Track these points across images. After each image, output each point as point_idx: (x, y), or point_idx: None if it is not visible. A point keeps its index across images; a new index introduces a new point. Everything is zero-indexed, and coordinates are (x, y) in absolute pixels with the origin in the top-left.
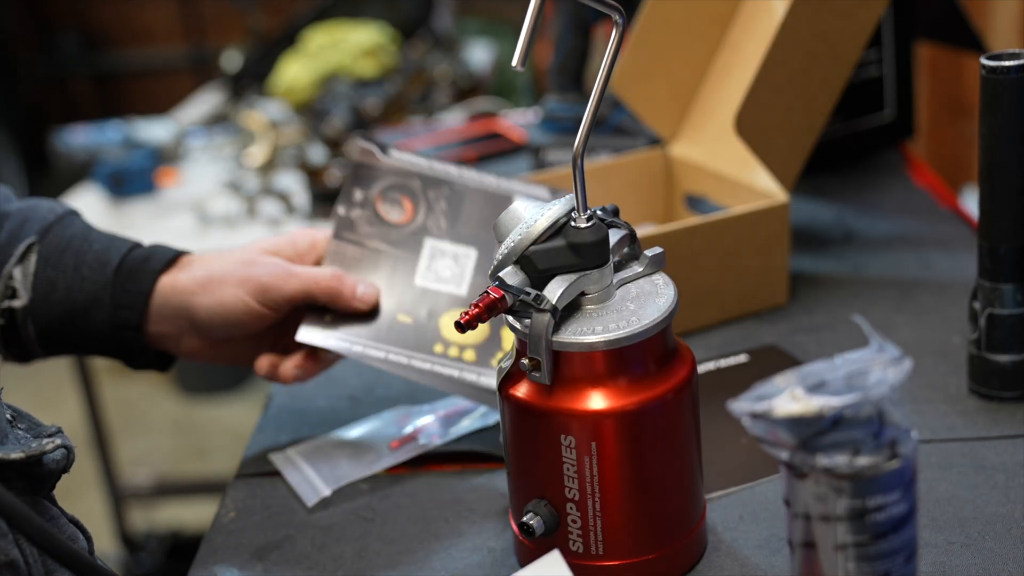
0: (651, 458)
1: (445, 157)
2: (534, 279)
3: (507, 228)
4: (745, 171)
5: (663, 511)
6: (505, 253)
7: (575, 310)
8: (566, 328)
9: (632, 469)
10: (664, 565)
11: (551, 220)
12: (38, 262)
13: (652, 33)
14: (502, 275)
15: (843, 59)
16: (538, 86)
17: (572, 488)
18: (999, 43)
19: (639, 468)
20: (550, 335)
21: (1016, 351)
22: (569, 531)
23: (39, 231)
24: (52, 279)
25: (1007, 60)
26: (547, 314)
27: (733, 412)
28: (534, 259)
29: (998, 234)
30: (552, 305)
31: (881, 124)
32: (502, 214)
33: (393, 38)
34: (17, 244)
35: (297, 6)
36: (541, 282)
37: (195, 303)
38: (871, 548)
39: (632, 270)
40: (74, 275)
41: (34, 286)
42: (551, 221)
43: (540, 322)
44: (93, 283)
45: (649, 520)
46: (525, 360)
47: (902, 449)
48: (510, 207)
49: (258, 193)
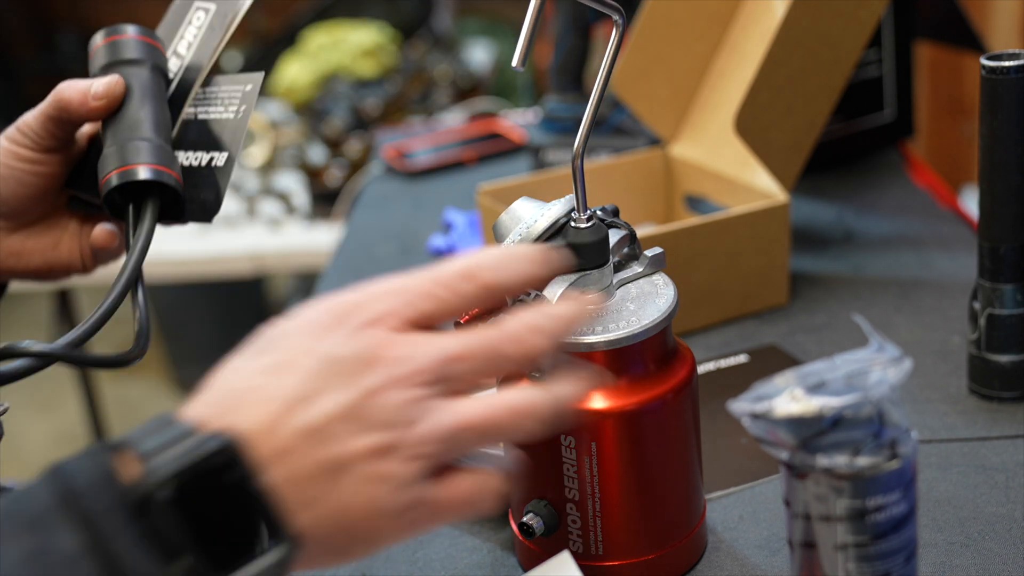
0: (651, 458)
1: (445, 157)
2: None
3: (507, 228)
4: (745, 171)
5: (663, 511)
6: None
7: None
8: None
9: (632, 469)
10: (664, 565)
11: (551, 220)
12: None
13: (652, 33)
14: None
15: (843, 59)
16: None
17: (572, 488)
18: (999, 43)
19: (639, 468)
20: None
21: (1016, 351)
22: (569, 531)
23: None
24: None
25: (1007, 60)
26: None
27: (733, 412)
28: None
29: (998, 234)
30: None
31: (881, 124)
32: (502, 214)
33: (393, 38)
34: None
35: (297, 6)
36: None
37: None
38: (871, 548)
39: (632, 270)
40: None
41: None
42: (551, 221)
43: None
44: None
45: (649, 520)
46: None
47: (902, 449)
48: (511, 207)
49: (258, 193)
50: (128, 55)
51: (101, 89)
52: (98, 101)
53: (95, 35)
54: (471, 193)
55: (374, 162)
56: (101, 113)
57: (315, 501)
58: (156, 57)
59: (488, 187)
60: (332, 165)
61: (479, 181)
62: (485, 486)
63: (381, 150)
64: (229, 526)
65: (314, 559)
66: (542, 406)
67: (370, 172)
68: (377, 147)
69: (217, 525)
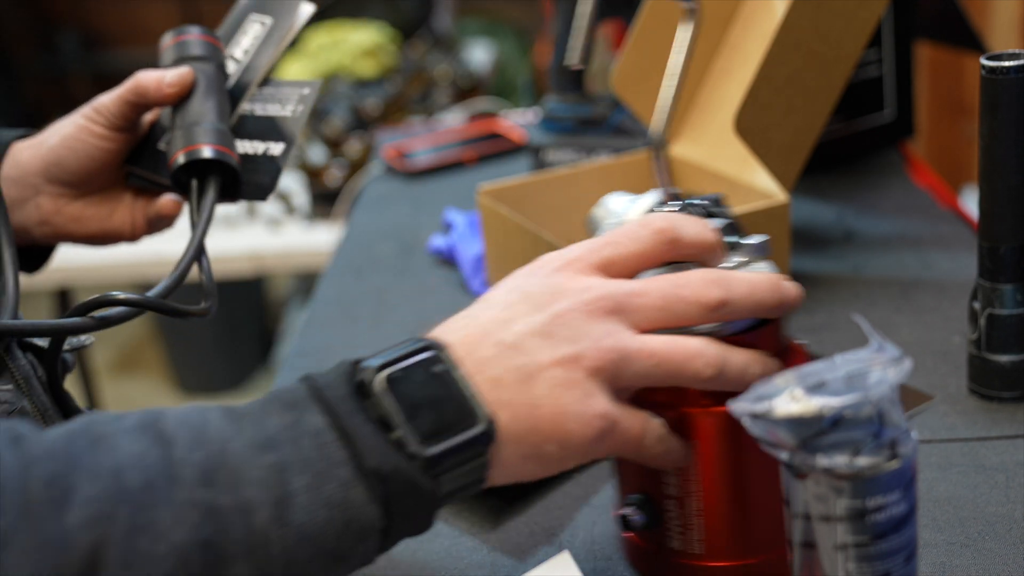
0: (754, 459)
1: (445, 157)
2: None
3: (599, 222)
4: (745, 171)
5: (768, 514)
6: None
7: None
8: None
9: (733, 469)
10: (767, 571)
11: (641, 212)
12: None
13: (652, 33)
14: None
15: (843, 59)
16: (538, 86)
17: (673, 485)
18: (999, 43)
19: (741, 468)
20: None
21: (1016, 351)
22: (669, 528)
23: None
24: None
25: (1007, 60)
26: None
27: (733, 412)
28: None
29: (998, 234)
30: None
31: (881, 124)
32: (594, 207)
33: (393, 38)
34: None
35: None
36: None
37: (42, 145)
38: (871, 548)
39: (734, 260)
40: None
41: None
42: (641, 213)
43: None
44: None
45: (752, 523)
46: None
47: (902, 449)
48: (603, 200)
49: None
50: (195, 52)
51: (175, 78)
52: (171, 88)
53: (165, 34)
54: (471, 193)
55: (374, 162)
56: (172, 99)
57: (510, 402)
58: (218, 55)
59: (488, 187)
60: (332, 165)
61: (479, 181)
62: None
63: (381, 150)
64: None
65: (511, 464)
66: (713, 353)
67: (370, 172)
68: (377, 147)
69: (426, 408)
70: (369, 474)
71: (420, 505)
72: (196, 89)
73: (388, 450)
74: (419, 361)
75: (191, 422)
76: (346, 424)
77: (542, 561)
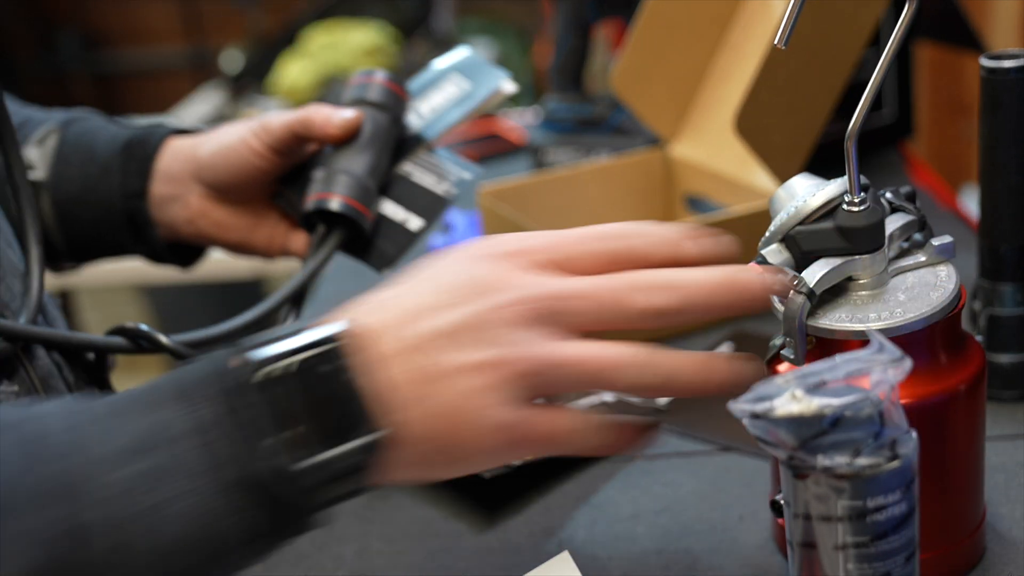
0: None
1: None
2: (798, 259)
3: (781, 203)
4: (745, 171)
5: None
6: (773, 230)
7: (842, 295)
8: (828, 313)
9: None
10: (940, 567)
11: (825, 199)
12: (58, 143)
13: (652, 33)
14: (765, 252)
15: (843, 59)
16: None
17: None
18: (999, 43)
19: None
20: (804, 318)
21: (1016, 351)
22: None
23: (61, 121)
24: (67, 155)
25: (1007, 60)
26: (802, 296)
27: (733, 412)
28: (799, 239)
29: (998, 234)
30: (809, 288)
31: (881, 124)
32: (780, 187)
33: (393, 38)
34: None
35: (297, 6)
36: (805, 263)
37: (200, 147)
38: (871, 548)
39: (915, 258)
40: (87, 152)
41: (51, 164)
42: (825, 199)
43: (795, 303)
44: (105, 155)
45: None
46: (777, 340)
47: (902, 449)
48: (788, 182)
49: None
50: (373, 98)
51: (341, 120)
52: (336, 130)
53: (356, 72)
54: (471, 193)
55: None
56: (334, 140)
57: (413, 403)
58: (398, 107)
59: (488, 187)
60: None
61: (479, 181)
62: (587, 423)
63: None
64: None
65: (407, 466)
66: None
67: None
68: None
69: (304, 415)
70: (230, 487)
71: (289, 516)
72: (360, 135)
73: (254, 460)
74: (307, 359)
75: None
76: (210, 429)
77: (542, 561)
